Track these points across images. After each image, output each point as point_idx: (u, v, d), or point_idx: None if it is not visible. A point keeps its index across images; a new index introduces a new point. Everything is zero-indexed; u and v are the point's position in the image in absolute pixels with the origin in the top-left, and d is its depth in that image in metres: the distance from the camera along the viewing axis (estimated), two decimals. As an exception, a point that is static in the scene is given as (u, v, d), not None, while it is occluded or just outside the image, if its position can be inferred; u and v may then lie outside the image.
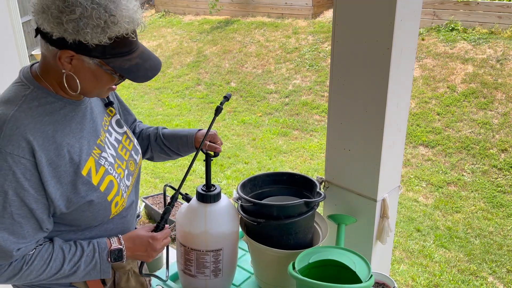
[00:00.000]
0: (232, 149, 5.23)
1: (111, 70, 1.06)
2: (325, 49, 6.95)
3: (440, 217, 3.84)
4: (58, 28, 0.99)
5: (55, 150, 1.07)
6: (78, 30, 0.98)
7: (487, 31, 6.13)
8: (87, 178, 1.12)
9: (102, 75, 1.07)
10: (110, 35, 1.00)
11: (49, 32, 1.00)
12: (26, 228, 1.06)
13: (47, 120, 1.07)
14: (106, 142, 1.22)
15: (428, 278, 3.15)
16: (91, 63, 1.04)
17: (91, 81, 1.08)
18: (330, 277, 1.38)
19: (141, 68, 1.08)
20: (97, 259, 1.17)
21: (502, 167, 4.41)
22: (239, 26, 8.34)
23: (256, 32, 7.99)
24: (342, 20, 1.58)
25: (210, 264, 1.47)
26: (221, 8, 8.93)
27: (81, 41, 1.00)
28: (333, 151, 1.75)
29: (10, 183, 1.01)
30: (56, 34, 1.00)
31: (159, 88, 7.39)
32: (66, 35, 0.99)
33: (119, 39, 1.02)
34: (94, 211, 1.16)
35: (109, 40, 1.00)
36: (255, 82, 6.85)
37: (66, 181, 1.09)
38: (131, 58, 1.06)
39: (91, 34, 0.98)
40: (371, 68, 1.53)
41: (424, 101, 5.46)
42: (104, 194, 1.16)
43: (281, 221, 1.49)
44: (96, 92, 1.13)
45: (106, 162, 1.19)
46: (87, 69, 1.05)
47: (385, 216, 1.69)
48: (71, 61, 1.04)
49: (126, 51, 1.05)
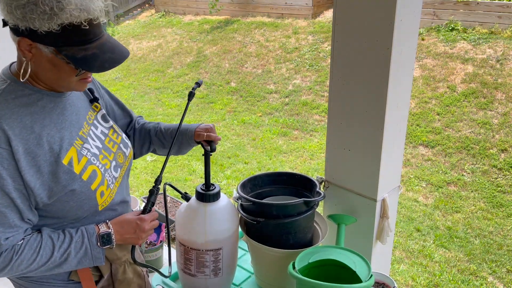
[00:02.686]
0: (232, 149, 5.23)
1: (65, 59, 1.06)
2: (325, 49, 6.95)
3: (440, 217, 3.85)
4: (10, 15, 1.01)
5: (34, 140, 1.08)
6: (25, 17, 1.00)
7: (487, 31, 6.13)
8: (68, 167, 1.13)
9: (60, 64, 1.07)
10: (57, 21, 1.00)
11: (6, 20, 1.04)
12: (10, 218, 1.07)
13: (23, 111, 1.09)
14: (89, 134, 1.24)
15: (428, 278, 3.15)
16: (47, 52, 1.05)
17: (51, 71, 1.09)
18: (330, 277, 1.39)
19: (98, 59, 1.07)
20: (86, 245, 1.18)
21: (502, 167, 4.41)
22: (239, 26, 8.34)
23: (256, 32, 7.99)
24: (342, 20, 1.58)
25: (210, 263, 1.47)
26: (221, 8, 8.92)
27: (31, 28, 1.01)
28: (333, 151, 1.75)
29: None
30: (11, 21, 1.03)
31: (159, 88, 7.39)
32: (18, 22, 1.01)
33: (70, 27, 1.02)
34: (78, 200, 1.16)
35: (58, 27, 1.01)
36: (255, 82, 6.85)
37: (46, 171, 1.10)
38: (87, 48, 1.06)
39: (38, 21, 1.00)
40: (371, 68, 1.53)
41: (424, 101, 5.46)
42: (87, 183, 1.17)
43: (280, 220, 1.49)
44: (63, 83, 1.13)
45: (89, 152, 1.20)
46: (45, 58, 1.07)
47: (385, 216, 1.69)
48: (30, 50, 1.06)
49: (80, 40, 1.05)
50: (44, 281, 1.23)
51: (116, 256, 1.31)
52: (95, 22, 1.06)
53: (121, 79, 8.01)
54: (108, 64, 1.08)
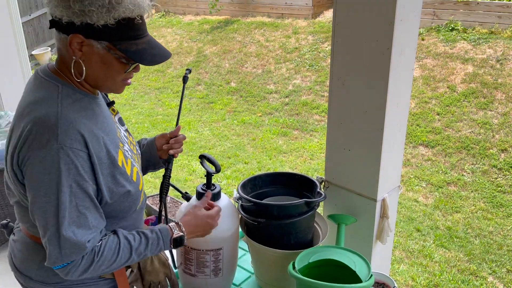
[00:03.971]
0: (232, 149, 5.23)
1: (119, 54, 1.08)
2: (325, 49, 6.95)
3: (440, 217, 3.85)
4: (66, 11, 1.02)
5: (96, 143, 1.10)
6: (84, 10, 1.01)
7: (487, 31, 6.13)
8: (122, 169, 1.16)
9: (111, 60, 1.09)
10: (115, 15, 1.03)
11: (59, 17, 1.04)
12: (90, 219, 1.09)
13: (84, 115, 1.10)
14: (122, 136, 1.26)
15: (428, 278, 3.15)
16: (100, 48, 1.07)
17: (101, 69, 1.10)
18: (330, 277, 1.39)
19: (149, 53, 1.10)
20: (161, 246, 1.21)
21: (502, 167, 4.41)
22: (239, 26, 8.34)
23: (256, 32, 7.99)
24: (342, 20, 1.58)
25: (210, 263, 1.48)
26: (221, 8, 8.92)
27: (88, 22, 1.02)
28: (333, 151, 1.75)
29: (73, 176, 1.04)
30: (65, 18, 1.03)
31: (159, 88, 7.39)
32: (74, 17, 1.02)
33: (125, 22, 1.05)
34: (131, 200, 1.20)
35: (114, 21, 1.03)
36: (255, 82, 6.85)
37: (106, 173, 1.12)
38: (138, 43, 1.09)
39: (96, 14, 1.01)
40: (371, 68, 1.53)
41: (424, 101, 5.46)
42: (137, 184, 1.21)
43: (281, 221, 1.49)
44: (109, 82, 1.14)
45: (128, 154, 1.23)
46: (97, 55, 1.08)
47: (385, 216, 1.69)
48: (81, 48, 1.06)
49: (132, 35, 1.08)
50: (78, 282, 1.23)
51: None
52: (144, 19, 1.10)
53: (121, 79, 8.00)
54: (158, 58, 1.11)
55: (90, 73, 1.11)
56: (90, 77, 1.12)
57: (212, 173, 1.45)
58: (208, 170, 1.45)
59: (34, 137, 1.03)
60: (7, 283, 1.33)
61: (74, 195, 1.05)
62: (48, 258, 1.07)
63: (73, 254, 1.06)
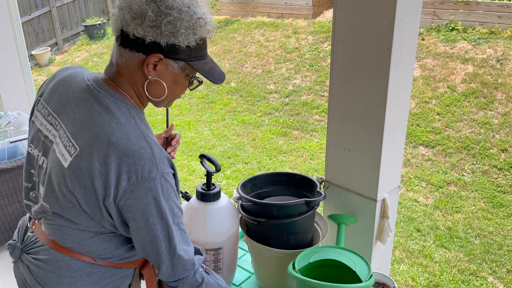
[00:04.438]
0: (232, 149, 5.23)
1: (193, 72, 1.10)
2: (325, 49, 6.95)
3: (440, 217, 3.84)
4: (153, 31, 1.01)
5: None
6: (174, 32, 1.02)
7: (487, 31, 6.13)
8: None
9: (181, 80, 1.11)
10: (198, 36, 1.05)
11: (141, 37, 1.02)
12: (187, 236, 1.15)
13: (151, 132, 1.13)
14: None
15: (428, 278, 3.15)
16: (175, 67, 1.08)
17: (169, 87, 1.11)
18: (330, 277, 1.39)
19: (215, 72, 1.13)
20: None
21: (502, 167, 4.41)
22: (239, 26, 8.34)
23: (256, 32, 7.99)
24: (342, 20, 1.58)
25: (210, 263, 1.47)
26: (221, 8, 8.92)
27: (174, 43, 1.03)
28: (333, 151, 1.75)
29: (175, 198, 1.09)
30: (150, 38, 1.02)
31: (159, 88, 7.39)
32: (161, 37, 1.02)
33: (201, 42, 1.07)
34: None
35: (196, 42, 1.06)
36: (255, 82, 6.85)
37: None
38: (207, 62, 1.12)
39: (184, 35, 1.03)
40: (371, 68, 1.53)
41: (424, 101, 5.46)
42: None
43: (281, 220, 1.49)
44: (168, 99, 1.16)
45: None
46: (170, 74, 1.09)
47: (385, 216, 1.69)
48: (155, 67, 1.07)
49: (203, 55, 1.11)
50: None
51: None
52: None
53: (121, 79, 8.00)
54: (223, 77, 1.14)
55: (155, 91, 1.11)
56: (154, 94, 1.11)
57: (212, 172, 1.45)
58: (208, 170, 1.45)
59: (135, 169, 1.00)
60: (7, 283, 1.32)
61: (177, 216, 1.09)
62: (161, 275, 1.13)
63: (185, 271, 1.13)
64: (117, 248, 1.14)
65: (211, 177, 1.47)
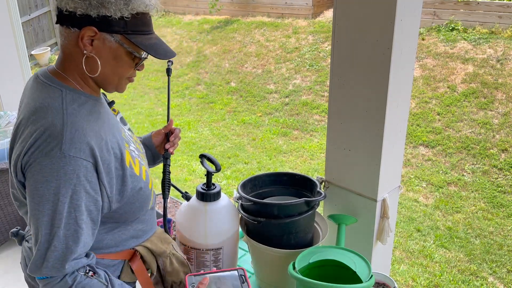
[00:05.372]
0: (232, 149, 5.23)
1: (133, 47, 1.07)
2: (325, 49, 6.94)
3: (440, 217, 3.84)
4: (83, 2, 1.01)
5: (104, 147, 1.08)
6: (102, 2, 1.01)
7: (487, 31, 6.13)
8: (130, 170, 1.14)
9: (121, 55, 1.08)
10: (132, 8, 1.03)
11: (73, 10, 1.02)
12: (84, 235, 1.05)
13: (90, 119, 1.08)
14: (126, 136, 1.25)
15: (428, 278, 3.15)
16: (112, 41, 1.06)
17: (110, 65, 1.09)
18: (330, 277, 1.38)
19: (160, 48, 1.10)
20: None
21: (502, 167, 4.41)
22: (239, 26, 8.33)
23: (256, 32, 7.99)
24: (342, 20, 1.57)
25: (210, 263, 1.47)
26: (221, 8, 8.92)
27: (105, 15, 1.02)
28: (333, 151, 1.75)
29: (74, 187, 1.02)
30: (80, 10, 1.02)
31: (159, 88, 7.38)
32: (90, 9, 1.01)
33: (139, 16, 1.05)
34: (142, 200, 1.19)
35: (130, 15, 1.04)
36: (255, 82, 6.84)
37: (115, 175, 1.10)
38: (151, 38, 1.10)
39: (114, 6, 1.01)
40: (371, 68, 1.53)
41: (424, 101, 5.46)
42: (146, 183, 1.20)
43: (282, 220, 1.49)
44: (116, 79, 1.13)
45: (135, 153, 1.22)
46: (108, 49, 1.06)
47: (385, 216, 1.69)
48: (92, 42, 1.05)
49: (145, 30, 1.09)
50: None
51: (162, 249, 1.33)
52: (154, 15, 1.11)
53: (121, 79, 8.00)
54: (170, 53, 1.11)
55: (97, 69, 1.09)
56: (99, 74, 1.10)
57: (212, 172, 1.45)
58: (208, 169, 1.45)
59: (39, 145, 1.00)
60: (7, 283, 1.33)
61: (74, 208, 1.02)
62: (30, 265, 1.04)
63: (54, 269, 1.03)
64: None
65: (211, 177, 1.47)
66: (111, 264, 1.22)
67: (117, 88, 1.16)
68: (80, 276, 1.07)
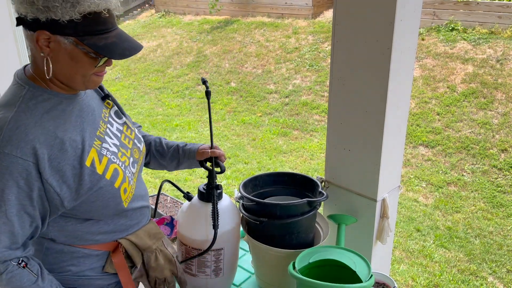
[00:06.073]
0: (232, 149, 5.24)
1: (87, 49, 1.06)
2: (325, 49, 6.95)
3: (440, 217, 3.85)
4: (31, 7, 1.01)
5: (57, 146, 1.09)
6: (48, 6, 1.00)
7: (487, 31, 6.13)
8: (91, 169, 1.14)
9: (79, 56, 1.08)
10: (80, 10, 1.01)
11: (24, 14, 1.03)
12: (16, 228, 1.08)
13: (46, 117, 1.09)
14: (107, 132, 1.24)
15: (428, 278, 3.15)
16: (67, 43, 1.06)
17: (69, 65, 1.09)
18: (330, 277, 1.39)
19: (118, 47, 1.09)
20: None
21: (502, 167, 4.41)
22: (239, 26, 8.34)
23: (256, 32, 7.99)
24: (342, 20, 1.58)
25: (211, 263, 1.48)
26: (221, 8, 8.93)
27: (53, 18, 1.01)
28: (333, 151, 1.75)
29: (6, 182, 1.03)
30: (30, 14, 1.02)
31: (159, 88, 7.39)
32: (39, 14, 1.01)
33: (91, 16, 1.04)
34: (104, 199, 1.18)
35: (80, 16, 1.02)
36: (255, 82, 6.85)
37: (70, 174, 1.11)
38: (108, 37, 1.07)
39: (61, 9, 1.00)
40: (371, 68, 1.53)
41: (424, 101, 5.46)
42: (111, 182, 1.19)
43: (284, 220, 1.49)
44: (80, 78, 1.12)
45: (108, 152, 1.21)
46: (64, 51, 1.07)
47: (385, 216, 1.69)
48: (48, 44, 1.06)
49: (100, 29, 1.06)
50: (81, 275, 1.25)
51: (147, 244, 1.33)
52: (113, 12, 1.09)
53: (121, 79, 8.01)
54: (128, 51, 1.10)
55: (59, 69, 1.10)
56: (59, 74, 1.11)
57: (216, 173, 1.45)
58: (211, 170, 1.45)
59: None
60: (8, 283, 1.33)
61: (4, 201, 1.04)
62: None
63: None
64: (63, 229, 1.19)
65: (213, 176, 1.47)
66: (94, 254, 1.24)
67: (86, 86, 1.16)
68: (12, 266, 1.10)
